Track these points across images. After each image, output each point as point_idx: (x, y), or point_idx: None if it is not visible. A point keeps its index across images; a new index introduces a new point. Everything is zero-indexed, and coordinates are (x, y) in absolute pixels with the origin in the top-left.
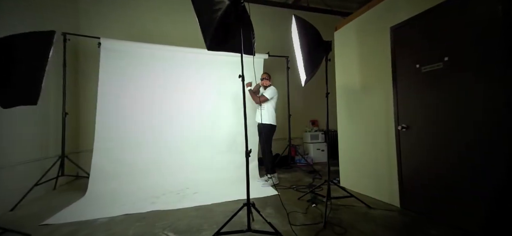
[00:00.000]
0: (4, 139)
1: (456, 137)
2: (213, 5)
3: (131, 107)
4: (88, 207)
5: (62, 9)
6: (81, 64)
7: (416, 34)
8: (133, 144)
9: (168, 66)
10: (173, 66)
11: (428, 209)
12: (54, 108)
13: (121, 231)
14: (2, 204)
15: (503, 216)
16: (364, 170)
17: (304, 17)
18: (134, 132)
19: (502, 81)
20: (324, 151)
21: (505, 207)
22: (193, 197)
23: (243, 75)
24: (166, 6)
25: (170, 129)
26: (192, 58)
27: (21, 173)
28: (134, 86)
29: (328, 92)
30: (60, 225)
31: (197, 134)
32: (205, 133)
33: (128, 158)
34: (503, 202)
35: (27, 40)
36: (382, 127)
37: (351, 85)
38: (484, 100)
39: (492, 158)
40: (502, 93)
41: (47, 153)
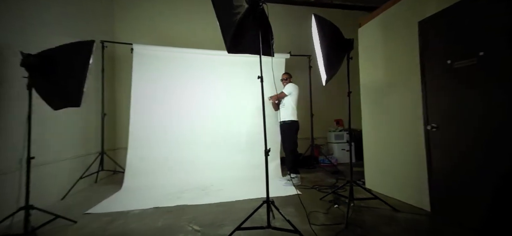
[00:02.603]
0: (53, 137)
1: (493, 138)
2: (233, 8)
3: (160, 108)
4: (123, 199)
5: (100, 19)
6: (117, 68)
7: (447, 28)
8: (162, 143)
9: (193, 68)
10: (198, 68)
11: (461, 215)
12: (94, 110)
13: (151, 222)
14: (54, 194)
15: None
16: (390, 172)
17: (327, 14)
18: (164, 132)
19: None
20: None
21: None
22: (216, 193)
23: (262, 76)
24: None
25: (195, 129)
26: (215, 59)
27: (68, 167)
28: (163, 88)
29: (350, 91)
30: (100, 214)
31: (220, 134)
32: (228, 133)
33: (158, 156)
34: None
35: (71, 49)
36: (409, 126)
37: (376, 83)
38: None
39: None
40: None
41: (89, 150)
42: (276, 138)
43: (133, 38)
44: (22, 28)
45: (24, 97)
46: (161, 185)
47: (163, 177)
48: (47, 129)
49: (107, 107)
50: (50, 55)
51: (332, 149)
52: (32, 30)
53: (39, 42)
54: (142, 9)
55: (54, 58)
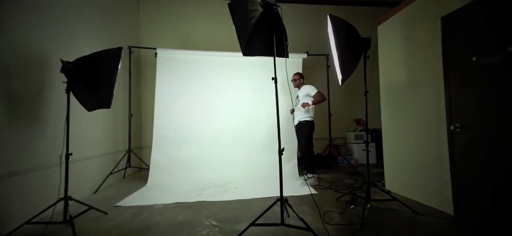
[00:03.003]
0: (86, 136)
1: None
2: (248, 13)
3: (183, 108)
4: (148, 194)
5: (127, 27)
6: (142, 71)
7: (472, 22)
8: (184, 142)
9: (214, 69)
10: (218, 70)
11: (486, 221)
12: (122, 110)
13: (172, 216)
14: (87, 188)
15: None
16: (411, 173)
17: (346, 12)
18: (185, 131)
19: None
20: (370, 152)
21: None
22: (234, 191)
23: (276, 77)
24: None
25: (214, 128)
26: (234, 61)
27: (99, 164)
28: (184, 90)
29: (366, 90)
30: (127, 207)
31: (238, 133)
32: (246, 132)
33: (180, 154)
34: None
35: (102, 56)
36: (431, 127)
37: (396, 82)
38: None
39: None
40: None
41: (118, 148)
42: (293, 139)
43: (157, 43)
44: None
45: (63, 100)
46: (182, 182)
47: (184, 174)
48: (82, 129)
49: (134, 108)
50: (84, 61)
51: (351, 150)
52: (72, 39)
53: (76, 50)
54: (164, 16)
55: (88, 64)
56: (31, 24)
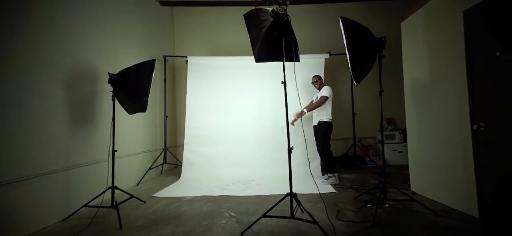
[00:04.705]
0: (129, 136)
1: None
2: (260, 22)
3: (212, 110)
4: (180, 188)
5: (163, 38)
6: (176, 77)
7: (495, 16)
8: (211, 141)
9: (240, 73)
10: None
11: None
12: (159, 113)
13: (198, 207)
14: (131, 180)
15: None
16: (437, 175)
17: (368, 8)
18: (213, 131)
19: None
20: (402, 152)
21: None
22: (256, 188)
23: (285, 82)
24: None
25: (240, 129)
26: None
27: (140, 160)
28: (212, 93)
29: (381, 90)
30: (162, 198)
31: (261, 133)
32: (268, 132)
33: (208, 153)
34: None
35: (139, 67)
36: (455, 126)
37: (420, 80)
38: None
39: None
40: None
41: (156, 146)
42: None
43: (188, 51)
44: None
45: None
46: (210, 178)
47: (212, 171)
48: (125, 129)
49: (169, 110)
50: (125, 73)
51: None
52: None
53: (120, 62)
54: (195, 26)
55: (128, 75)
56: (87, 41)
